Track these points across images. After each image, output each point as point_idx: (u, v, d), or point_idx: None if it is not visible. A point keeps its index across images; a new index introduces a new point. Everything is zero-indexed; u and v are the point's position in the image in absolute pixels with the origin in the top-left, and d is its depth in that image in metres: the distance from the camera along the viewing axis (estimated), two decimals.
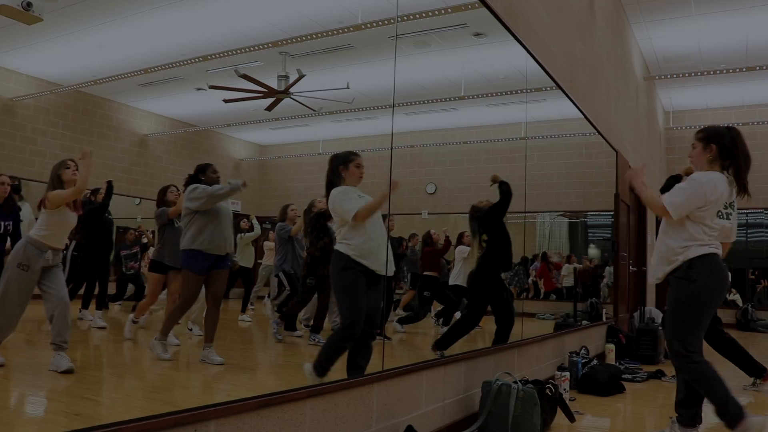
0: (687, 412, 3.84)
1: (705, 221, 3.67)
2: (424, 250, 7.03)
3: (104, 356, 5.04)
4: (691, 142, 3.93)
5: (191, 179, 4.82)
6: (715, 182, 3.67)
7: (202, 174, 4.82)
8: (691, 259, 3.65)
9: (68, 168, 3.94)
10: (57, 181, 3.93)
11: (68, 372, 3.73)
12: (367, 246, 3.63)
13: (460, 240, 6.86)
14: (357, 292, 3.60)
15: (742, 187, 3.76)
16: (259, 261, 7.76)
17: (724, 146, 3.76)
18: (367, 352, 3.62)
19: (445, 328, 6.96)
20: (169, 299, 5.46)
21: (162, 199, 5.40)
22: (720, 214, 3.73)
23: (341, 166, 3.76)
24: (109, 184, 4.93)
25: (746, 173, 3.78)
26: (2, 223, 4.11)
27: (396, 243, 6.91)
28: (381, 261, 3.68)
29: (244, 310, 7.21)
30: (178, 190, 5.48)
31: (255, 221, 7.23)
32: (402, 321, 7.00)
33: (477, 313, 5.25)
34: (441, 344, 5.03)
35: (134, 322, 5.40)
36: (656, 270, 3.87)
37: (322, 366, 3.52)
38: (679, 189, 3.74)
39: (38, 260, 3.82)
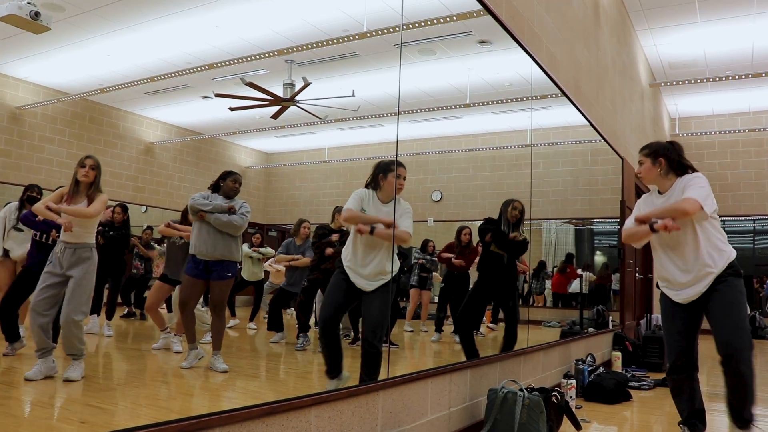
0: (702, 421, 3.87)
1: (718, 224, 3.72)
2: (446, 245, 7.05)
3: (111, 364, 5.05)
4: (639, 160, 3.96)
5: (213, 186, 4.87)
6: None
7: (223, 181, 4.85)
8: (733, 258, 3.68)
9: (83, 167, 3.97)
10: (73, 177, 3.99)
11: (69, 380, 3.75)
12: (351, 260, 3.75)
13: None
14: (331, 291, 3.78)
15: None
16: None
17: (672, 159, 3.79)
18: (370, 362, 3.61)
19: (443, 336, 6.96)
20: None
21: (186, 213, 5.37)
22: None
23: (381, 174, 3.82)
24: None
25: None
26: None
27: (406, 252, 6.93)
28: (362, 278, 3.74)
29: (252, 318, 7.24)
30: None
31: (268, 250, 7.26)
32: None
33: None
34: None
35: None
36: (700, 285, 3.71)
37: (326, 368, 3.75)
38: (696, 186, 3.62)
39: (59, 258, 3.92)
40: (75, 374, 3.81)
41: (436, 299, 8.54)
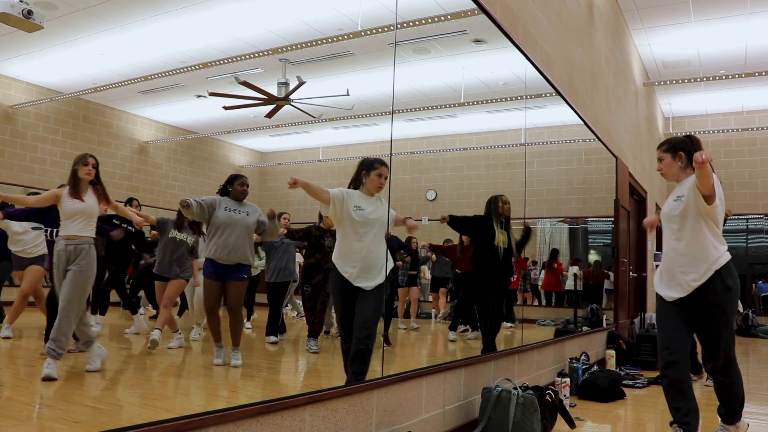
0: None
1: (720, 223, 3.68)
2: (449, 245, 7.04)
3: (104, 363, 5.03)
4: (658, 157, 3.93)
5: (221, 190, 4.95)
6: None
7: (231, 185, 4.94)
8: (724, 265, 3.62)
9: (86, 165, 4.00)
10: (74, 176, 3.99)
11: (48, 380, 3.71)
12: (342, 258, 3.70)
13: None
14: (338, 308, 3.74)
15: None
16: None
17: (691, 153, 3.76)
18: (362, 361, 3.55)
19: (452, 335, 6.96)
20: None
21: (180, 211, 5.42)
22: None
23: (364, 171, 3.82)
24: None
25: None
26: (50, 230, 4.22)
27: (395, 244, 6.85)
28: (359, 276, 3.66)
29: (248, 318, 7.21)
30: None
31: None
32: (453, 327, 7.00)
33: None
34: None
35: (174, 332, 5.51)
36: (688, 284, 3.68)
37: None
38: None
39: (61, 256, 3.93)
40: (53, 371, 3.77)
41: (431, 297, 8.54)
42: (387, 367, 3.65)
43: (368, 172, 3.80)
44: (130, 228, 5.36)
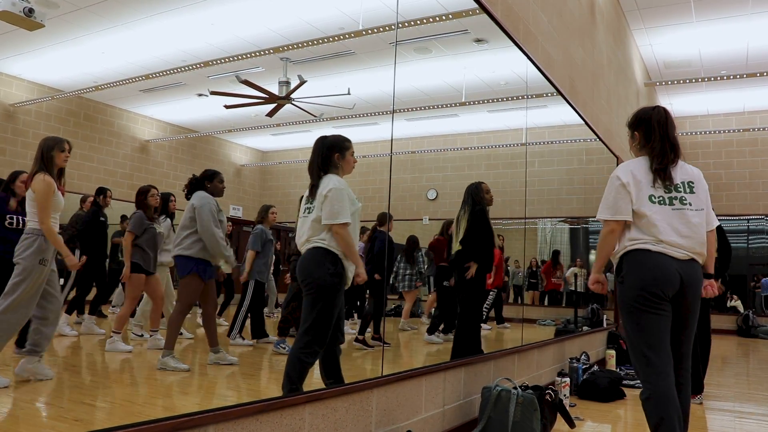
0: None
1: (640, 217, 3.12)
2: (436, 240, 6.97)
3: (104, 362, 5.04)
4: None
5: (196, 184, 4.75)
6: (626, 166, 3.25)
7: (209, 181, 4.78)
8: (620, 255, 3.17)
9: (63, 151, 3.67)
10: (48, 161, 3.63)
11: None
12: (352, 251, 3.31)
13: None
14: (338, 303, 3.27)
15: (660, 172, 3.14)
16: None
17: (646, 130, 3.26)
18: (337, 359, 3.40)
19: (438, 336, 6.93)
20: (153, 304, 5.48)
21: (142, 202, 5.20)
22: (654, 198, 3.13)
23: (337, 154, 3.43)
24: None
25: (662, 156, 3.17)
26: (20, 218, 3.92)
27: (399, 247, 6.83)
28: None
29: (220, 314, 7.15)
30: (158, 192, 5.40)
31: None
32: (431, 330, 6.90)
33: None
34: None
35: (116, 333, 5.17)
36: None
37: (292, 386, 3.12)
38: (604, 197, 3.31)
39: (52, 251, 3.66)
40: (51, 373, 3.77)
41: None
42: (386, 366, 3.65)
43: (343, 153, 3.44)
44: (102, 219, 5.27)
